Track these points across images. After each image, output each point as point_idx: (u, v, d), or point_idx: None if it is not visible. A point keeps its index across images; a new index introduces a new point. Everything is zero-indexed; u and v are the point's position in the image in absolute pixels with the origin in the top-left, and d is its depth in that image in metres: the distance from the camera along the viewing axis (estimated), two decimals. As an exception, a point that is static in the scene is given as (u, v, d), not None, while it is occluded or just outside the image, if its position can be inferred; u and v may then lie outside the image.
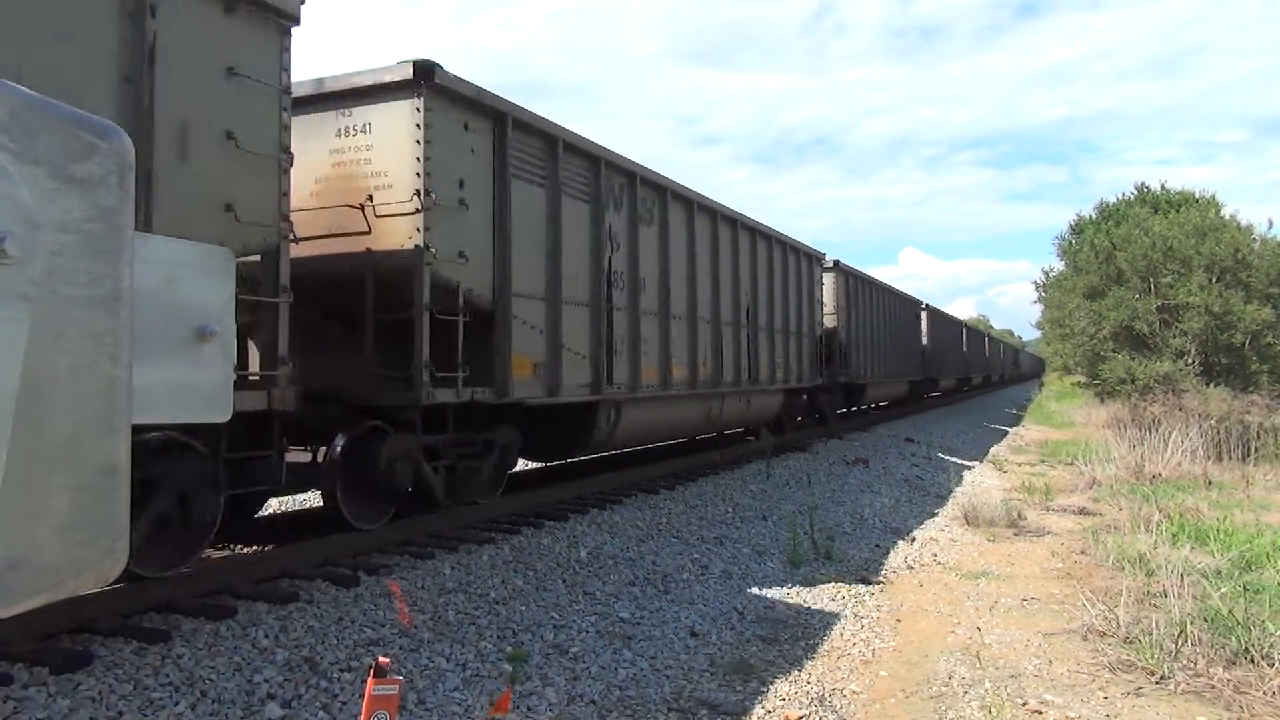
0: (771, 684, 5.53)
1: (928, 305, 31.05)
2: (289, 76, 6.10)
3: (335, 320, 7.59)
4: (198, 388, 1.50)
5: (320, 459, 7.01)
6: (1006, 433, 29.53)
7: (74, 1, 4.67)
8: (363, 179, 7.36)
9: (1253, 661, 5.68)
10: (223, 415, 1.47)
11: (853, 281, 20.87)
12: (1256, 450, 17.82)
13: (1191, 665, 5.69)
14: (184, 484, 5.39)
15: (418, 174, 7.14)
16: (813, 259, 18.00)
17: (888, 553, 9.71)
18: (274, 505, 8.78)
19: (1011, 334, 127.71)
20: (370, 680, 2.92)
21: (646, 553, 8.16)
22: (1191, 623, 6.15)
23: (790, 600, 7.51)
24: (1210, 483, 14.29)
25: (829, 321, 19.15)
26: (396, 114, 7.25)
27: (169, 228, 4.19)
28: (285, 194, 5.99)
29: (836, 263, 20.03)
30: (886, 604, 7.63)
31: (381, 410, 7.18)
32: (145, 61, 4.98)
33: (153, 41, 5.04)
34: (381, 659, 2.98)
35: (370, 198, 7.24)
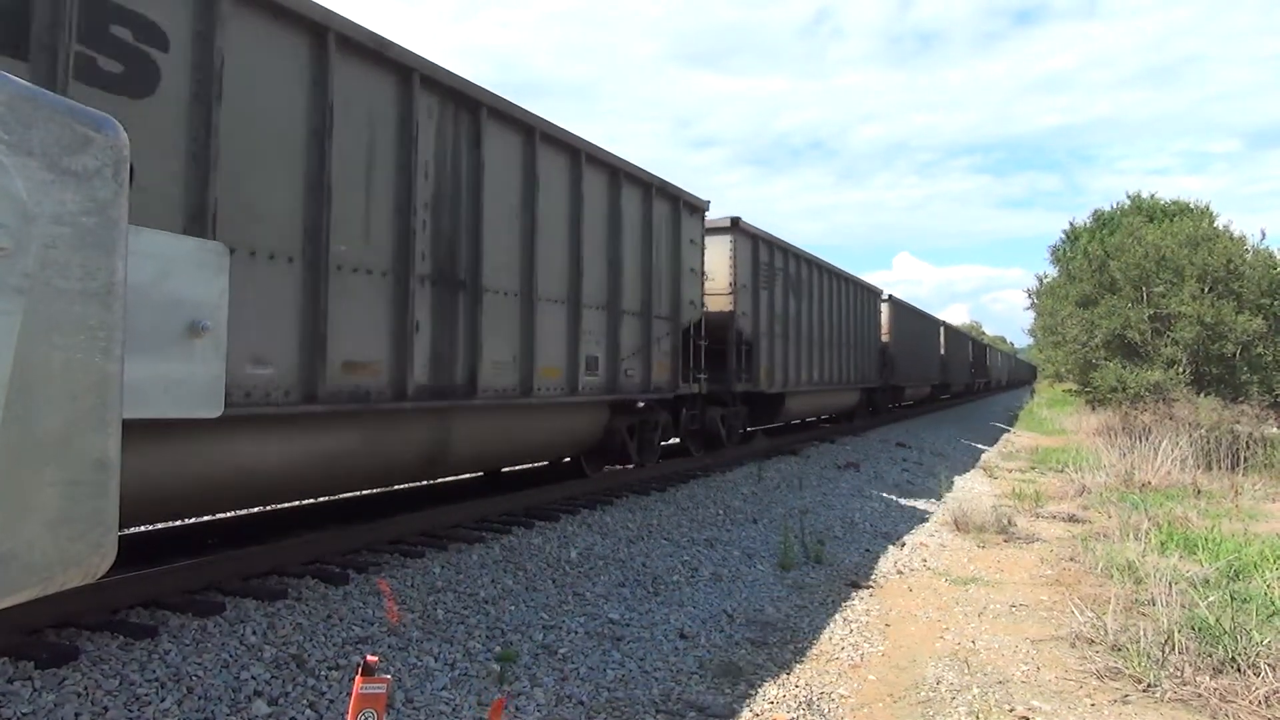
0: (760, 687, 5.53)
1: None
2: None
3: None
4: (190, 383, 1.49)
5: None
6: (998, 439, 29.60)
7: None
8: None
9: (1239, 670, 5.70)
10: (214, 411, 1.46)
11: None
12: (1246, 460, 17.90)
13: (1178, 673, 5.71)
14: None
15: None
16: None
17: (878, 557, 9.72)
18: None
19: (1004, 340, 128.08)
20: (358, 678, 2.91)
21: (637, 554, 8.15)
22: (1179, 631, 6.17)
23: (780, 603, 7.52)
24: (1199, 492, 14.35)
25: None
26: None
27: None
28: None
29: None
30: (876, 608, 7.64)
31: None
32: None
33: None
34: (370, 657, 2.97)
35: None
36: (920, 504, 13.89)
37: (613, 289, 10.11)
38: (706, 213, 12.93)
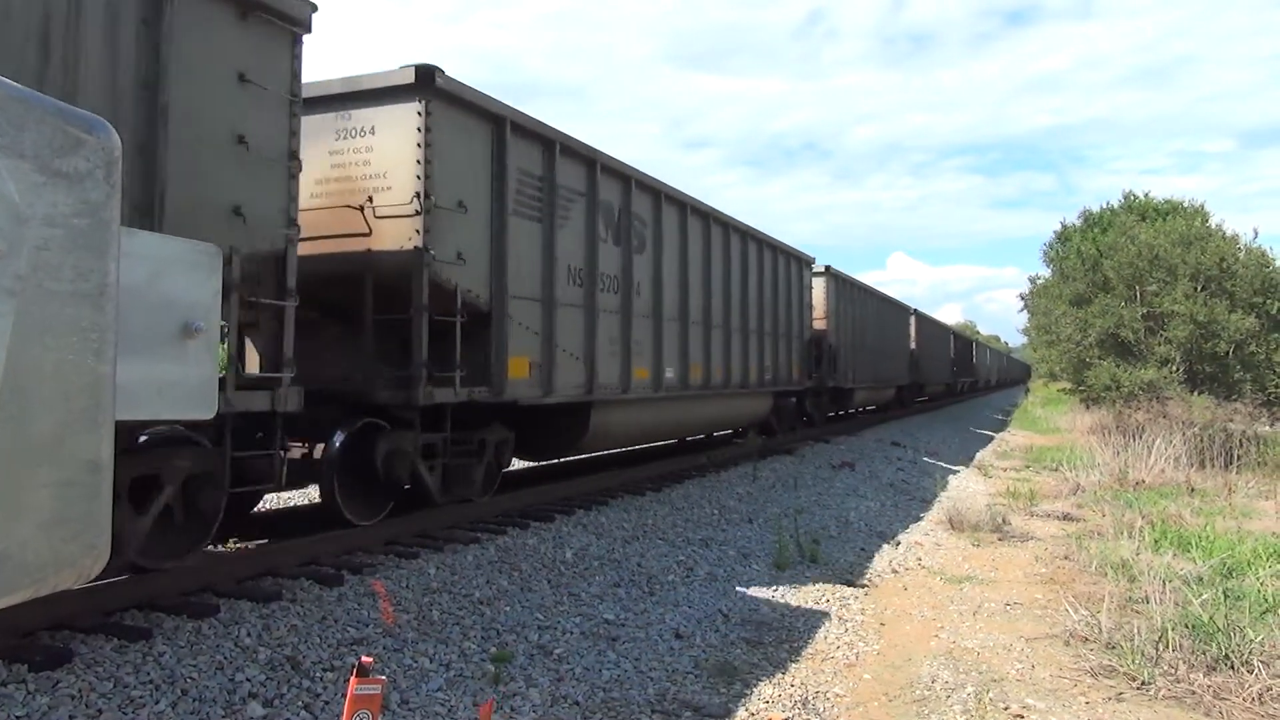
0: (755, 686, 5.53)
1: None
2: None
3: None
4: (183, 384, 1.49)
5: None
6: (992, 438, 29.65)
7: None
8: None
9: (1233, 668, 5.72)
10: (207, 413, 1.46)
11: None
12: (1239, 458, 17.95)
13: (1172, 671, 5.73)
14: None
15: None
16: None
17: (873, 556, 9.73)
18: (270, 500, 8.74)
19: (998, 340, 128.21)
20: (353, 679, 2.91)
21: (632, 554, 8.15)
22: (1173, 629, 6.19)
23: (775, 603, 7.52)
24: (1193, 490, 14.39)
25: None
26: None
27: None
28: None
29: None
30: (871, 607, 7.65)
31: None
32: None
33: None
34: (365, 658, 2.97)
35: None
36: (915, 503, 13.91)
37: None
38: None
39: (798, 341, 17.53)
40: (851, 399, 22.94)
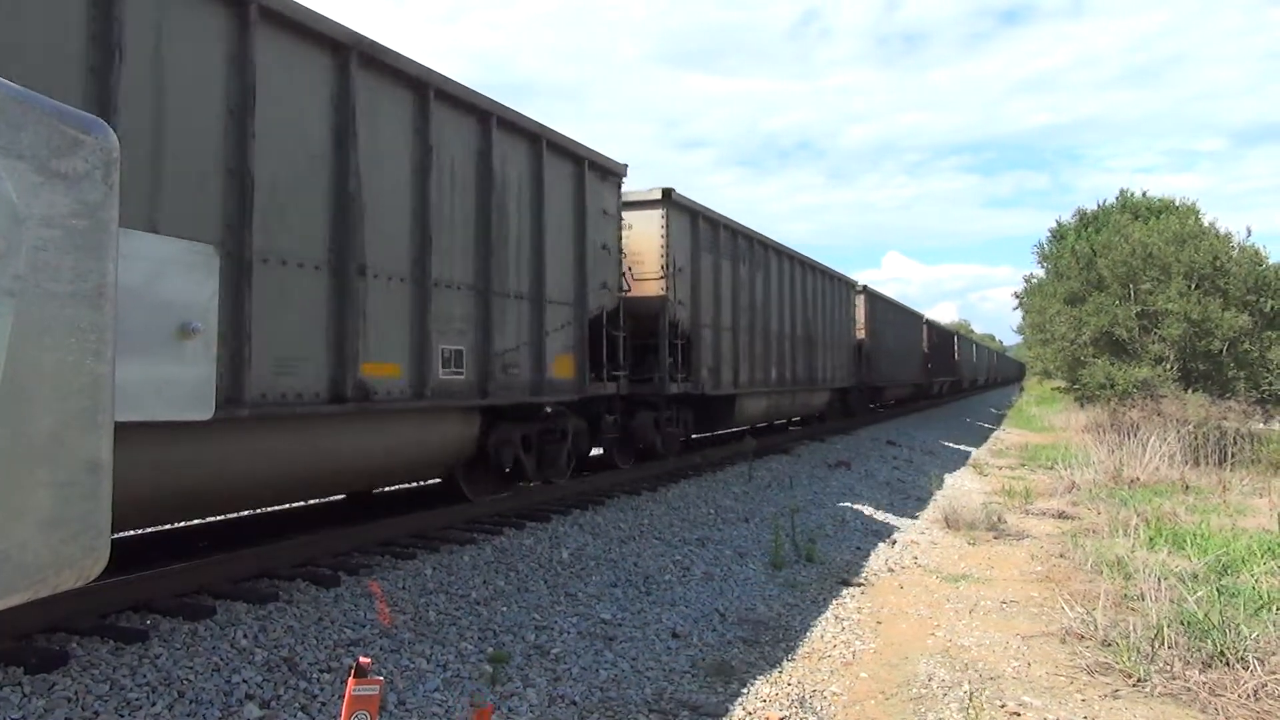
0: (752, 685, 5.54)
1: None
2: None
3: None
4: (181, 385, 1.49)
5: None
6: (987, 437, 29.72)
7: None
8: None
9: (1228, 664, 5.74)
10: (205, 413, 1.45)
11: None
12: (1233, 456, 18.02)
13: (1168, 668, 5.75)
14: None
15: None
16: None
17: (869, 555, 9.75)
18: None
19: (993, 338, 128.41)
20: (351, 680, 2.91)
21: (628, 554, 8.16)
22: (1168, 626, 6.21)
23: (772, 602, 7.53)
24: (1188, 488, 14.44)
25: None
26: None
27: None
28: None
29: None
30: (867, 606, 7.66)
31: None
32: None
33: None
34: (363, 659, 2.97)
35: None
36: (911, 502, 13.94)
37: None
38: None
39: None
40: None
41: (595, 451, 11.41)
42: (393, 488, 9.29)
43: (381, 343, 6.79)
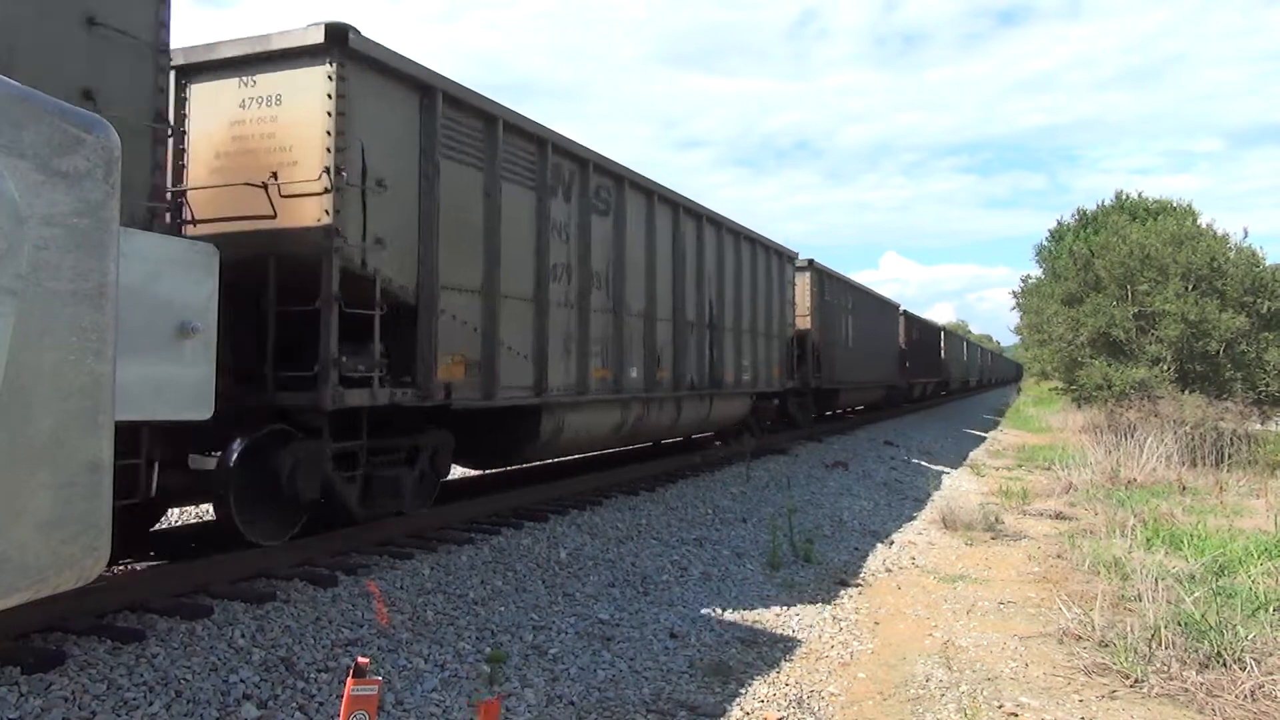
0: (750, 685, 5.54)
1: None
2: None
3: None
4: (180, 384, 1.48)
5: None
6: (984, 437, 29.74)
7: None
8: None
9: (1225, 665, 5.75)
10: (204, 413, 1.45)
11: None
12: (1230, 456, 18.04)
13: (1165, 668, 5.75)
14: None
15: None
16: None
17: (866, 555, 9.75)
18: (173, 516, 8.14)
19: (990, 339, 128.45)
20: (349, 680, 2.90)
21: (626, 554, 8.15)
22: (1165, 626, 6.22)
23: (769, 602, 7.53)
24: (1185, 488, 14.45)
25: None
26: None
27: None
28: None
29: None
30: (865, 606, 7.67)
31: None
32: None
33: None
34: (361, 659, 2.97)
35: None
36: (908, 502, 13.94)
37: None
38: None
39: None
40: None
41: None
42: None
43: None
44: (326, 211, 6.41)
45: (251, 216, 6.52)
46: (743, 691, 5.44)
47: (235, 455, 6.03)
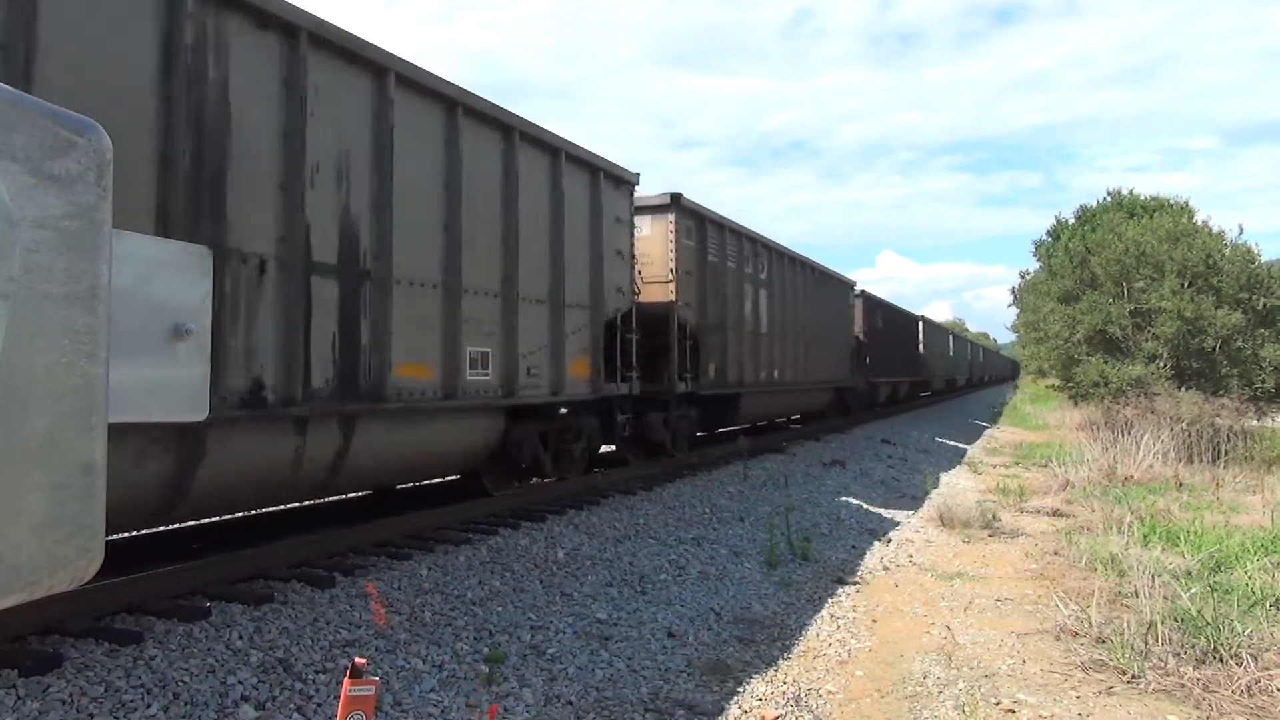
0: (748, 684, 5.54)
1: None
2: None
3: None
4: (175, 386, 1.49)
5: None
6: (982, 435, 29.78)
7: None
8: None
9: (1221, 661, 5.76)
10: (199, 414, 1.45)
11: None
12: (1226, 453, 18.08)
13: (1162, 664, 5.76)
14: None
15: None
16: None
17: (864, 554, 9.76)
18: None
19: (987, 336, 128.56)
20: (346, 681, 2.91)
21: (624, 554, 8.16)
22: (1162, 622, 6.23)
23: (767, 601, 7.54)
24: (1181, 485, 14.48)
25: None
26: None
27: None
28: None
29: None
30: (863, 604, 7.68)
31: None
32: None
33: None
34: (358, 660, 2.97)
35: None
36: (906, 500, 13.96)
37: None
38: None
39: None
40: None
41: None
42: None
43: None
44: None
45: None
46: (741, 690, 5.44)
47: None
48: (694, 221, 13.30)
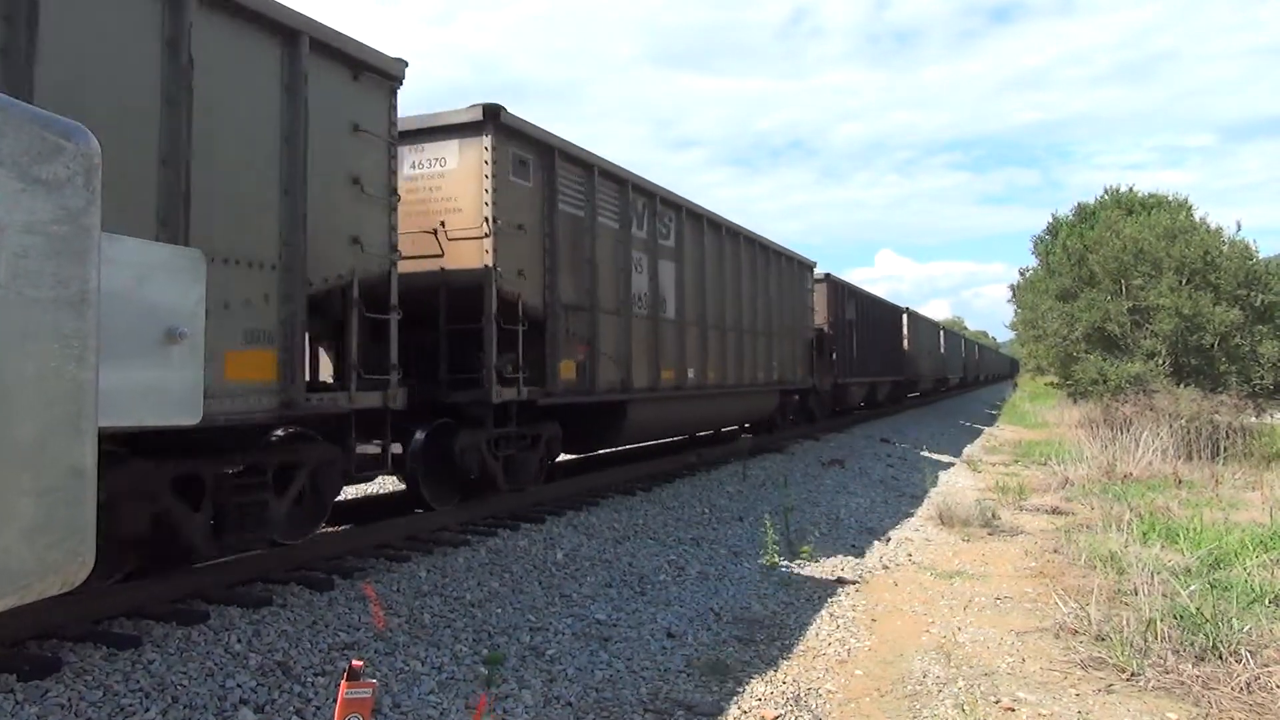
0: (747, 684, 5.54)
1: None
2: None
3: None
4: (167, 390, 1.49)
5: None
6: (981, 433, 29.79)
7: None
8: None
9: (1220, 658, 5.77)
10: (192, 418, 1.45)
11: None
12: (1225, 450, 18.08)
13: (1161, 662, 5.76)
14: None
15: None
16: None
17: (863, 553, 9.76)
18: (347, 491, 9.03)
19: (986, 334, 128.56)
20: (343, 684, 2.91)
21: (623, 554, 8.16)
22: (1161, 620, 6.24)
23: (766, 600, 7.54)
24: (1180, 482, 14.48)
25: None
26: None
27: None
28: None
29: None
30: (862, 604, 7.68)
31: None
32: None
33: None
34: (355, 662, 2.97)
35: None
36: (905, 499, 13.96)
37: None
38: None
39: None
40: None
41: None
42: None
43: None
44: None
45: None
46: (740, 690, 5.44)
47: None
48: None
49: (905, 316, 33.09)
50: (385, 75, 6.89)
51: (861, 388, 25.36)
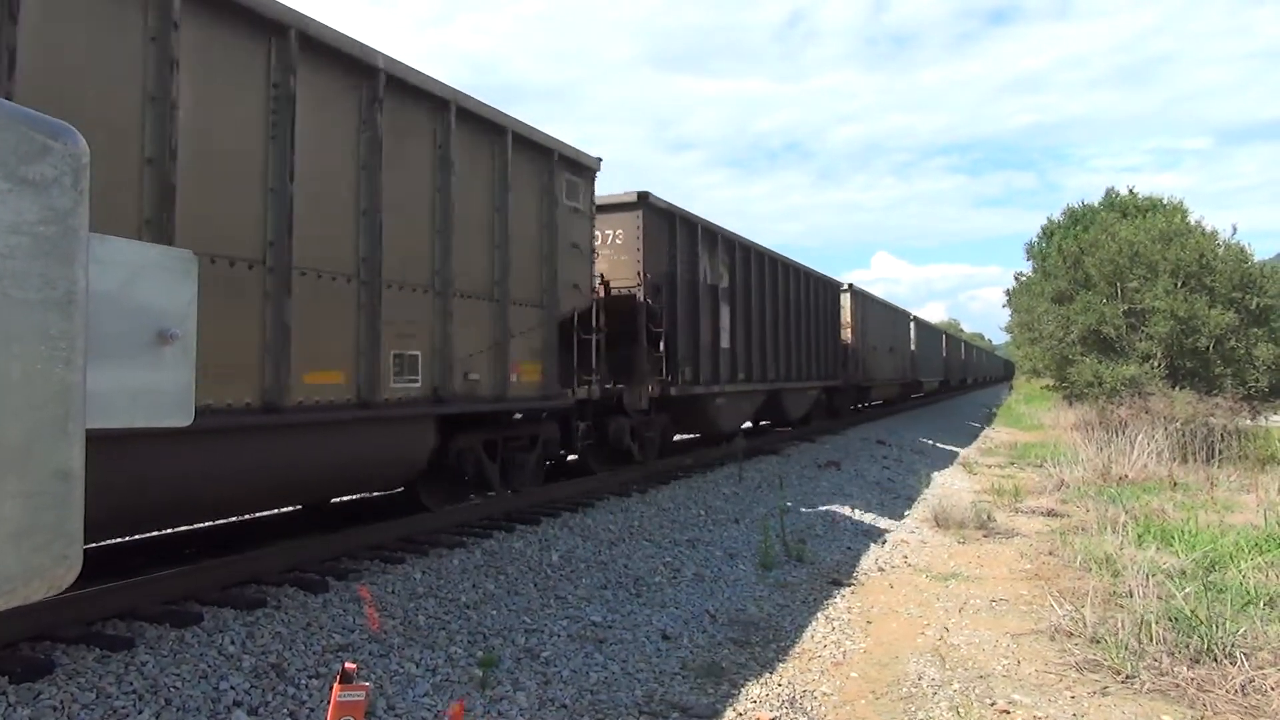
0: (743, 686, 5.54)
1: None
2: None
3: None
4: (159, 391, 1.47)
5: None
6: (977, 435, 29.82)
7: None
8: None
9: (1215, 660, 5.77)
10: (184, 420, 1.44)
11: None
12: (1220, 452, 18.11)
13: (1156, 664, 5.77)
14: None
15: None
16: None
17: (859, 555, 9.76)
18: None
19: (982, 337, 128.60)
20: (336, 686, 2.89)
21: (618, 556, 8.15)
22: (1156, 622, 6.24)
23: (762, 602, 7.54)
24: (1175, 484, 14.50)
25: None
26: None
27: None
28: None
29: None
30: (858, 605, 7.67)
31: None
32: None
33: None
34: (348, 665, 2.96)
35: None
36: (901, 501, 13.96)
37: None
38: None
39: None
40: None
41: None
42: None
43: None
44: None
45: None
46: (735, 692, 5.44)
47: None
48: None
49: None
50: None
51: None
